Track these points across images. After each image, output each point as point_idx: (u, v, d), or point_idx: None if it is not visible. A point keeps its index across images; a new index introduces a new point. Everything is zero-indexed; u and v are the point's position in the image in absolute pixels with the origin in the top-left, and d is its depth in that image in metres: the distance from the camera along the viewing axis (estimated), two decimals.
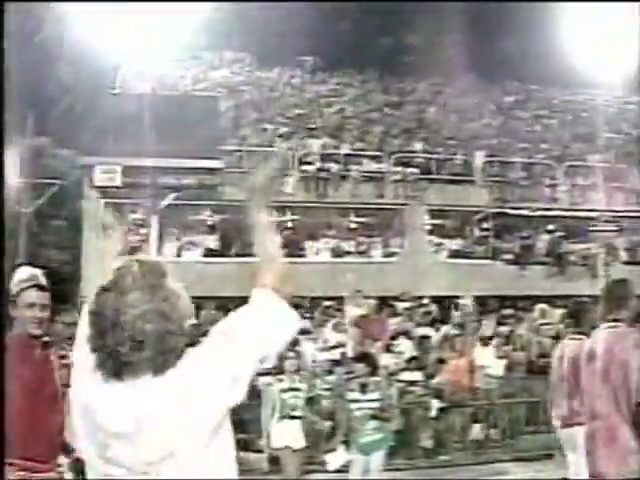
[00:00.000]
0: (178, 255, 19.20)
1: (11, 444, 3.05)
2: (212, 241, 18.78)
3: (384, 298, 18.15)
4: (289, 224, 20.36)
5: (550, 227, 21.16)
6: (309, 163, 19.59)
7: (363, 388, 8.63)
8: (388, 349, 11.77)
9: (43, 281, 4.09)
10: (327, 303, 16.20)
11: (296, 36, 28.38)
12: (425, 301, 17.51)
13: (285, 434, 8.70)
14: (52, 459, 3.79)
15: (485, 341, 12.57)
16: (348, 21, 30.55)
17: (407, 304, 16.73)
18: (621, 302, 4.75)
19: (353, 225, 20.15)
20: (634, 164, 22.72)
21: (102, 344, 2.10)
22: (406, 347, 13.11)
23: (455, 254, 20.34)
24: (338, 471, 9.21)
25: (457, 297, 19.29)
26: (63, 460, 3.92)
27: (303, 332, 11.69)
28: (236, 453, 2.27)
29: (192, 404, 2.09)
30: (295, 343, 9.67)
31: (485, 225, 21.00)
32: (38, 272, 4.12)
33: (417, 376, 11.20)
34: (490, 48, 28.41)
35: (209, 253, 18.89)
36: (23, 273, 3.99)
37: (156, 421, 2.08)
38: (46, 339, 4.06)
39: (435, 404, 10.00)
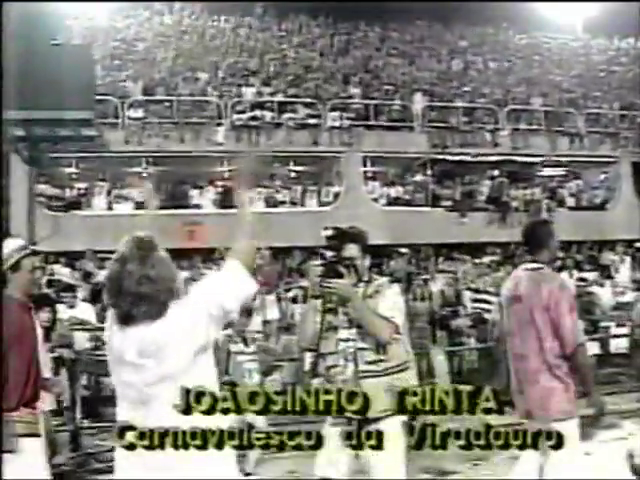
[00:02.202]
0: (109, 208, 18.90)
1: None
2: (140, 194, 18.41)
3: (315, 248, 17.87)
4: (226, 175, 20.05)
5: (492, 173, 20.85)
6: (241, 112, 19.13)
7: (245, 341, 8.45)
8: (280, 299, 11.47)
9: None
10: None
11: None
12: None
13: None
14: (34, 403, 4.33)
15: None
16: None
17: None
18: (541, 243, 4.72)
19: (288, 174, 19.78)
20: (579, 107, 22.33)
21: (113, 302, 2.93)
22: None
23: (394, 202, 19.98)
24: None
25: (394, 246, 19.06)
26: (40, 405, 4.44)
27: None
28: None
29: (177, 342, 2.86)
30: None
31: (425, 172, 20.65)
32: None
33: None
34: None
35: (139, 206, 18.54)
36: (16, 242, 4.51)
37: (152, 353, 2.86)
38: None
39: (308, 357, 9.71)
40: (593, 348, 11.13)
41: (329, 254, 4.32)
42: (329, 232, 4.42)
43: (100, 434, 8.92)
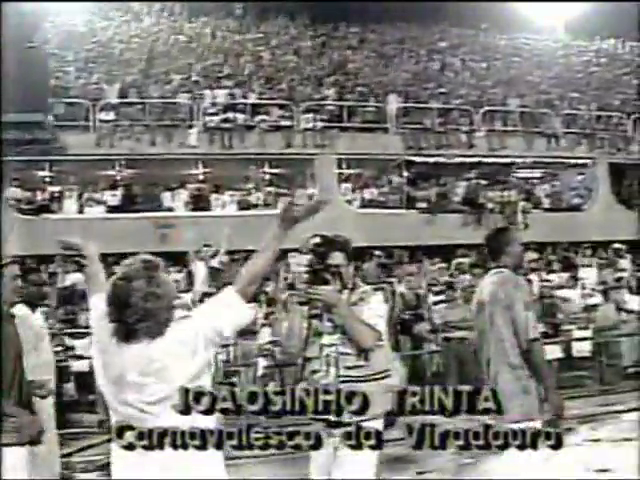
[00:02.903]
0: (80, 212, 18.72)
1: None
2: (112, 197, 18.27)
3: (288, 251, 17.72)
4: (200, 177, 19.91)
5: (467, 174, 20.75)
6: (214, 114, 18.99)
7: None
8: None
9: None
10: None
11: None
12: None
13: None
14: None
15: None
16: None
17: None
18: (503, 249, 4.90)
19: (261, 176, 19.63)
20: (557, 108, 22.25)
21: (118, 317, 2.96)
22: None
23: (368, 204, 19.87)
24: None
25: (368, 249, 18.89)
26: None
27: None
28: None
29: (178, 360, 2.93)
30: None
31: (400, 173, 20.53)
32: None
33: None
34: None
35: (112, 209, 18.40)
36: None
37: (153, 372, 2.91)
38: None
39: (261, 362, 9.62)
40: (555, 352, 11.04)
41: (308, 259, 4.48)
42: (316, 240, 4.52)
43: None
